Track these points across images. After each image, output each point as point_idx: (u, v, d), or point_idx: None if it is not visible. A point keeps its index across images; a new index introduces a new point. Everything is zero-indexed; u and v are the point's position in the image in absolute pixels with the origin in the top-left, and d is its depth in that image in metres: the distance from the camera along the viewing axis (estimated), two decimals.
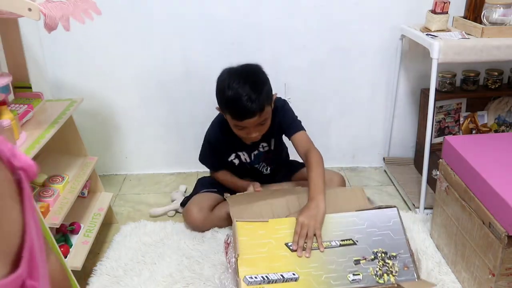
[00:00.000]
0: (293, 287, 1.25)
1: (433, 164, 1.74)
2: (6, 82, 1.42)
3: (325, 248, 1.31)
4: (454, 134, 2.04)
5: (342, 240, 1.33)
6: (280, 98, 1.71)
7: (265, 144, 1.77)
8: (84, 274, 1.54)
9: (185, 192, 2.08)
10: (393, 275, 1.29)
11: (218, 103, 1.60)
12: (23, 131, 1.37)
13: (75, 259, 1.47)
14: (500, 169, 1.36)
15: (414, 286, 1.29)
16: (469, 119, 2.07)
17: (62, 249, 1.42)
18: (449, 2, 1.77)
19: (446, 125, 2.04)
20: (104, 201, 1.76)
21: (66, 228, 1.59)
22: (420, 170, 1.97)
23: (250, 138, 1.62)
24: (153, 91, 2.10)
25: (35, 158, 1.42)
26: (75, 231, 1.59)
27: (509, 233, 1.20)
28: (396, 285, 1.28)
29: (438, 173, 1.61)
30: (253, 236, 1.35)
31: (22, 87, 1.60)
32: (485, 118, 2.07)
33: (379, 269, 1.28)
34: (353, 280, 1.25)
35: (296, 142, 1.64)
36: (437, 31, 1.77)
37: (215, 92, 1.60)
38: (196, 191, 1.86)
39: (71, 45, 1.97)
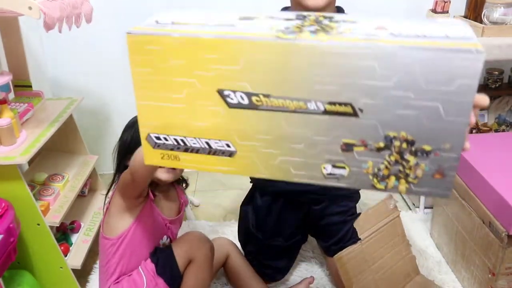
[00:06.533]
0: (224, 164, 0.70)
1: None
2: (6, 80, 1.42)
3: (297, 112, 0.61)
4: None
5: (330, 103, 0.62)
6: None
7: None
8: (84, 272, 1.54)
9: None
10: (407, 181, 0.65)
11: None
12: (23, 130, 1.37)
13: (75, 257, 1.48)
14: (500, 169, 1.36)
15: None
16: None
17: (62, 247, 1.42)
18: (450, 2, 1.77)
19: None
20: (104, 200, 1.76)
21: (66, 227, 1.59)
22: None
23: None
24: None
25: (35, 156, 1.42)
26: (75, 230, 1.59)
27: (509, 233, 1.21)
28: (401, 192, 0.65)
29: None
30: (159, 68, 0.65)
31: (22, 85, 1.60)
32: (485, 117, 2.07)
33: (386, 166, 0.65)
34: (329, 174, 0.66)
35: None
36: None
37: None
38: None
39: (72, 43, 1.97)
